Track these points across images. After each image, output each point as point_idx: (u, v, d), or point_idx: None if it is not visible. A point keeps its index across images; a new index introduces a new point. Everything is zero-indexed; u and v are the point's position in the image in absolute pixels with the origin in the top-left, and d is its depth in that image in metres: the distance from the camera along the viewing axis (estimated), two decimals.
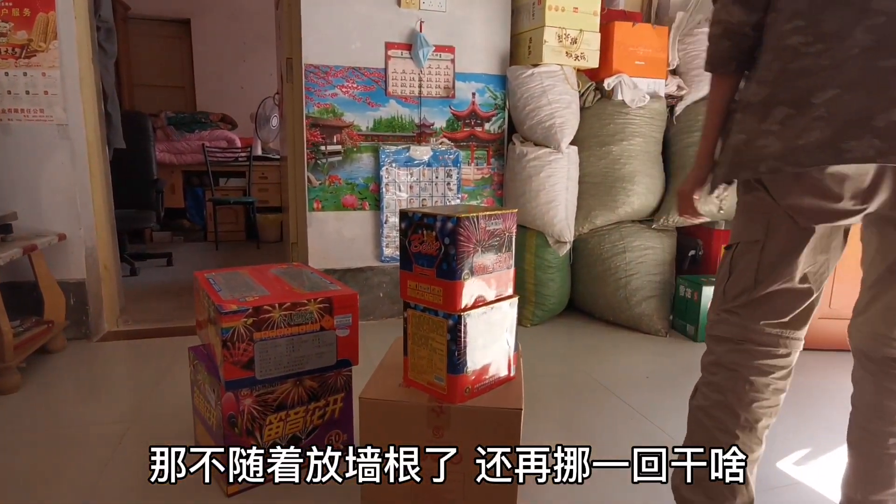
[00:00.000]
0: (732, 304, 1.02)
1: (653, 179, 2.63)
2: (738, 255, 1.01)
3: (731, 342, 1.03)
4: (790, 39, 0.86)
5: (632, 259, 2.60)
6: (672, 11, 2.84)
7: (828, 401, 1.95)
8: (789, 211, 0.93)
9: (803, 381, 2.12)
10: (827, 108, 0.82)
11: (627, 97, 2.56)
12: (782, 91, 0.87)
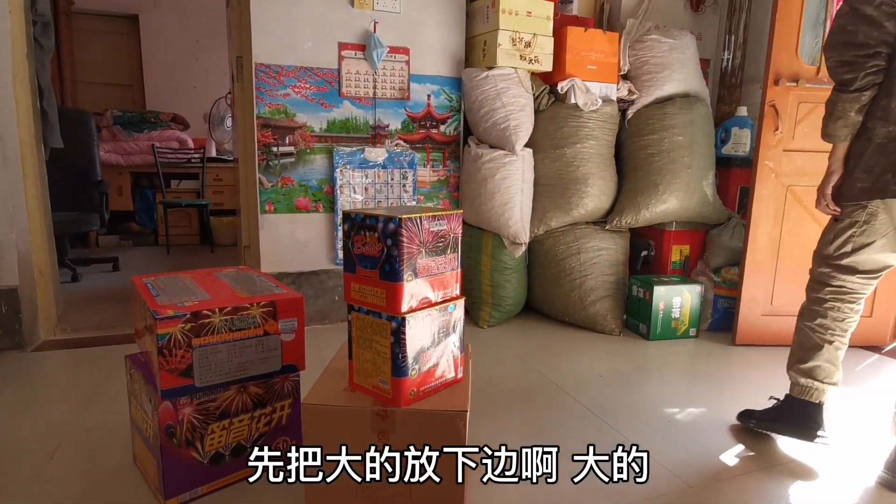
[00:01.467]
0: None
1: (606, 182, 2.68)
2: None
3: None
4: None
5: (586, 260, 2.64)
6: (623, 18, 2.90)
7: (769, 392, 2.02)
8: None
9: (747, 375, 2.20)
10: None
11: (580, 101, 2.60)
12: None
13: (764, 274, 2.46)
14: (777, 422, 1.65)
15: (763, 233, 2.42)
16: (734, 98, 3.01)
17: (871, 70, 1.37)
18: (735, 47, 2.98)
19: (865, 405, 1.96)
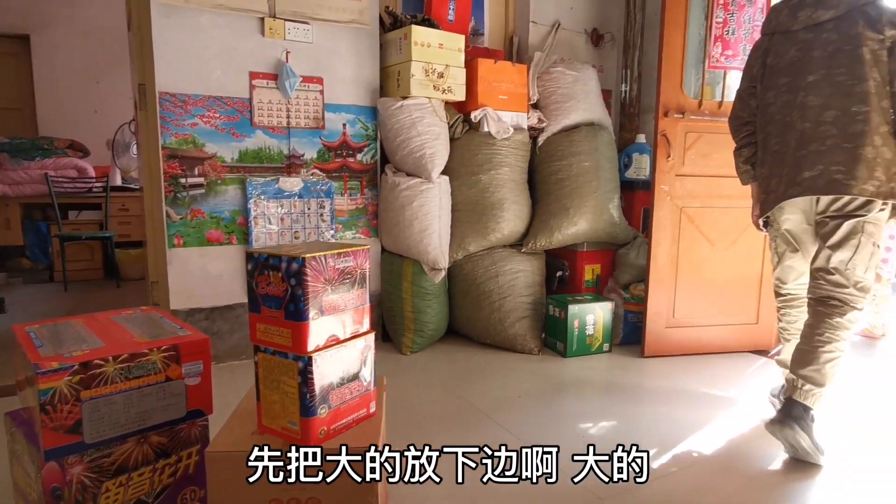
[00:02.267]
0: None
1: (520, 206, 2.79)
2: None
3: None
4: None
5: (504, 282, 2.72)
6: (531, 51, 3.07)
7: (674, 400, 2.16)
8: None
9: (654, 385, 2.33)
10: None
11: (493, 129, 2.71)
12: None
13: (666, 289, 2.64)
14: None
15: (663, 251, 2.61)
16: (634, 126, 3.25)
17: (744, 134, 1.99)
18: (631, 80, 3.22)
19: (756, 403, 2.14)
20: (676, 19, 2.50)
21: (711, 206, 2.64)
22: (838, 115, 1.66)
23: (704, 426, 1.97)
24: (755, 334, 2.77)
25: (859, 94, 1.64)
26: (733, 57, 2.55)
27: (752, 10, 2.54)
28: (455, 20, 2.86)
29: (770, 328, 2.78)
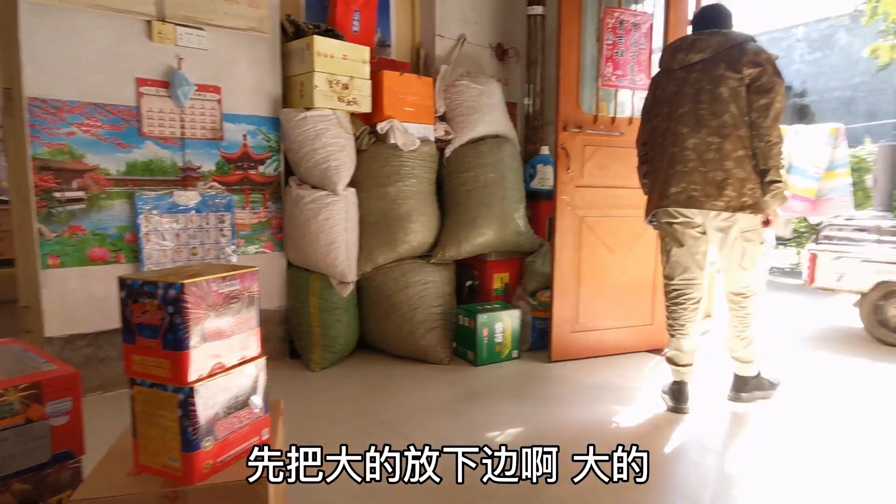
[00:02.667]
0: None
1: (429, 217, 2.80)
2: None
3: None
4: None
5: (414, 294, 2.72)
6: (437, 63, 3.11)
7: (579, 401, 2.26)
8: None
9: (560, 389, 2.42)
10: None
11: (400, 141, 2.71)
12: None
13: (570, 295, 2.76)
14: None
15: (566, 259, 2.73)
16: (538, 138, 3.38)
17: (642, 152, 2.28)
18: (535, 94, 3.36)
19: (653, 398, 2.28)
20: (571, 39, 2.64)
21: (609, 215, 2.79)
22: (697, 143, 2.00)
23: (607, 423, 2.07)
24: (651, 334, 2.96)
25: (715, 127, 1.97)
26: (623, 77, 2.73)
27: (638, 35, 2.74)
28: (360, 31, 2.83)
29: (664, 328, 2.98)
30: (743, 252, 2.05)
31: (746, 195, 1.95)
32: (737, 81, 1.94)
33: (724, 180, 1.95)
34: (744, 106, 1.94)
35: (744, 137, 1.95)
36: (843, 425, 2.11)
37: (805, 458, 1.84)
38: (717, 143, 1.96)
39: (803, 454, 1.87)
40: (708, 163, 1.97)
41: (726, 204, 1.96)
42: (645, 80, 2.78)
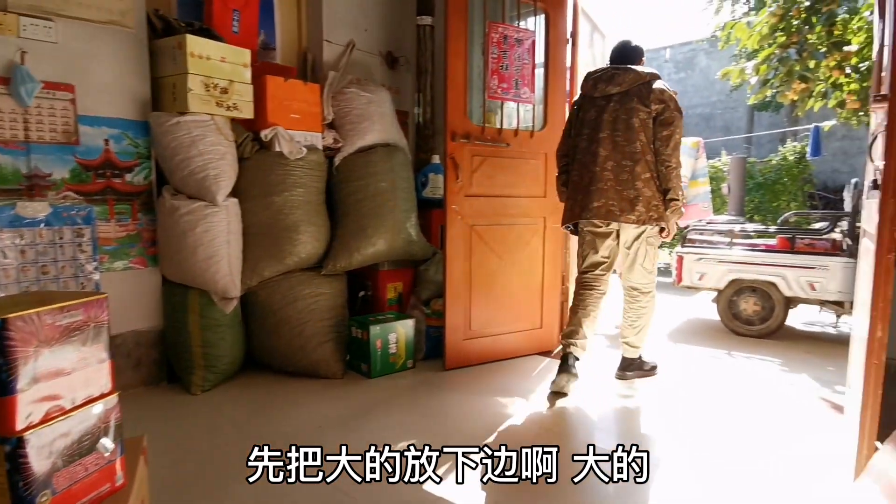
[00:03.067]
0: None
1: (318, 228, 2.72)
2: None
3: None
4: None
5: (304, 307, 2.62)
6: (326, 69, 3.03)
7: (472, 408, 2.29)
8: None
9: (453, 396, 2.44)
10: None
11: (285, 149, 2.60)
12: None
13: (462, 303, 2.81)
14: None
15: (457, 267, 2.77)
16: (429, 147, 3.41)
17: (562, 164, 2.60)
18: (425, 103, 3.39)
19: (543, 398, 2.38)
20: (458, 52, 2.69)
21: (498, 223, 2.88)
22: (614, 165, 2.36)
23: (499, 427, 2.12)
24: (540, 338, 3.10)
25: (629, 152, 2.33)
26: (508, 90, 2.84)
27: (521, 50, 2.86)
28: (241, 32, 2.69)
29: (552, 332, 3.14)
30: (645, 255, 2.47)
31: (652, 210, 2.34)
32: (646, 114, 2.32)
33: (635, 198, 2.33)
34: (650, 135, 2.33)
35: (650, 162, 2.33)
36: (703, 401, 2.34)
37: (675, 431, 2.02)
38: (629, 165, 2.33)
39: (677, 429, 2.05)
40: (623, 182, 2.34)
41: (637, 217, 2.34)
42: (529, 93, 2.91)
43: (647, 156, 2.33)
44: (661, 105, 2.32)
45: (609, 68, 2.46)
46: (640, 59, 2.52)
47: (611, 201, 2.35)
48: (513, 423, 2.19)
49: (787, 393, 2.60)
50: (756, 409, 2.39)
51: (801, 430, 2.17)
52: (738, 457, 1.93)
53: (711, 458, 1.92)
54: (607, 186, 2.36)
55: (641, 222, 2.35)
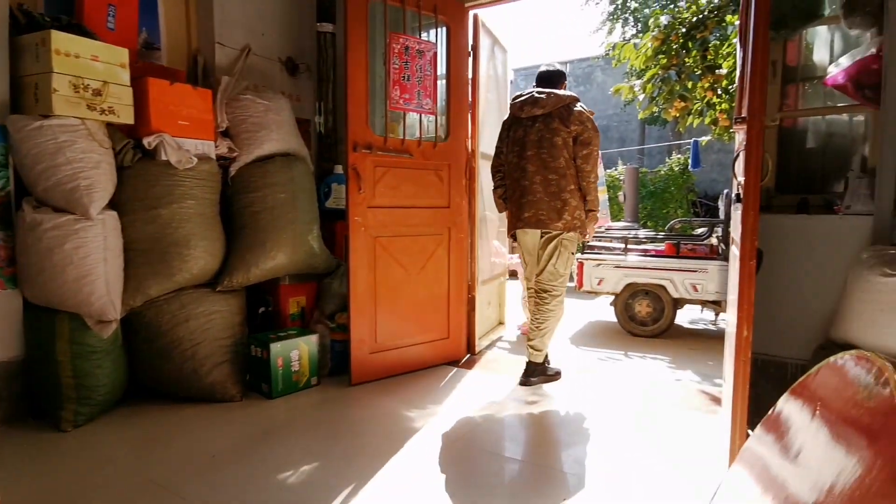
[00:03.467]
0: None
1: (212, 241, 2.55)
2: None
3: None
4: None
5: (197, 327, 2.44)
6: (218, 74, 2.86)
7: (379, 424, 2.24)
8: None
9: (360, 413, 2.37)
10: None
11: (173, 157, 2.42)
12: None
13: (367, 315, 2.75)
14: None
15: (361, 279, 2.71)
16: (332, 156, 3.33)
17: (498, 178, 2.86)
18: (327, 112, 3.30)
19: (452, 407, 2.37)
20: (359, 61, 2.65)
21: (402, 234, 2.86)
22: (542, 179, 2.60)
23: (406, 442, 2.09)
24: (448, 347, 3.11)
25: (554, 167, 2.58)
26: (410, 100, 2.83)
27: (423, 61, 2.87)
28: (117, 29, 2.47)
29: (459, 342, 3.16)
30: (558, 257, 2.67)
31: (576, 219, 2.62)
32: (567, 134, 2.57)
33: (562, 208, 2.59)
34: (572, 152, 2.58)
35: (573, 176, 2.59)
36: (601, 401, 2.46)
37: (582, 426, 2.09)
38: (555, 179, 2.58)
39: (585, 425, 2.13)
40: (550, 194, 2.59)
41: (563, 225, 2.60)
42: (431, 104, 2.93)
43: (569, 170, 2.58)
44: (580, 126, 2.56)
45: (534, 91, 2.66)
46: (561, 84, 2.74)
47: (541, 211, 2.60)
48: (420, 437, 2.16)
49: (674, 389, 2.80)
50: (647, 405, 2.54)
51: (684, 423, 2.33)
52: (628, 452, 2.03)
53: (605, 454, 2.01)
54: (537, 198, 2.60)
55: (567, 229, 2.61)
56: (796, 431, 1.00)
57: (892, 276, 1.71)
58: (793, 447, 0.96)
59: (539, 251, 2.70)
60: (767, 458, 1.17)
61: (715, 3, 4.49)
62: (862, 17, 1.99)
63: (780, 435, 1.15)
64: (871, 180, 2.02)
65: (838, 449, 0.74)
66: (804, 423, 0.96)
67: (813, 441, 0.86)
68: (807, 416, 0.95)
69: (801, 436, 0.94)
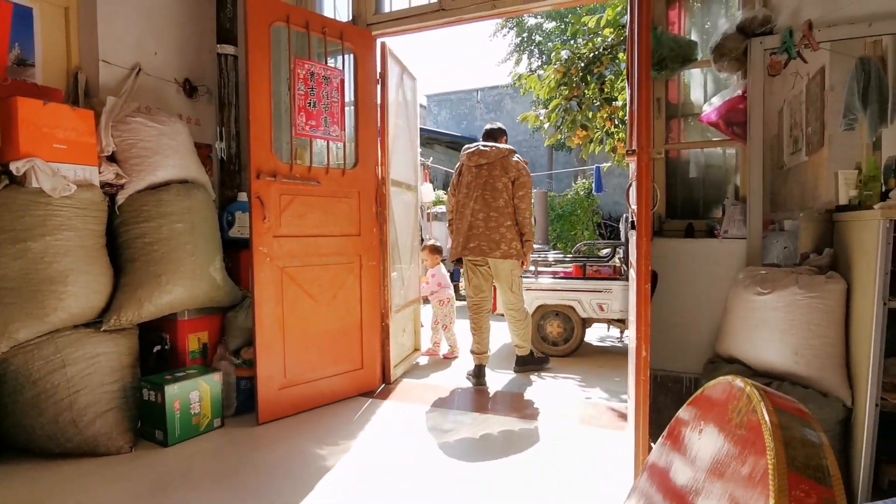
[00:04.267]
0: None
1: (94, 277, 2.32)
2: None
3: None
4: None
5: (76, 372, 2.20)
6: (103, 94, 2.65)
7: (287, 468, 2.11)
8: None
9: (266, 456, 2.20)
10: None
11: (47, 185, 2.19)
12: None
13: (275, 350, 2.61)
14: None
15: (268, 312, 2.58)
16: (236, 183, 3.17)
17: (450, 215, 3.38)
18: (229, 137, 3.15)
19: (369, 440, 2.28)
20: (261, 85, 2.56)
21: (311, 264, 2.76)
22: (484, 216, 3.15)
23: (318, 482, 1.97)
24: (362, 378, 3.02)
25: (495, 206, 3.14)
26: (317, 127, 2.77)
27: (330, 88, 2.83)
28: None
29: (374, 370, 3.08)
30: (512, 282, 3.27)
31: (513, 248, 3.15)
32: (507, 179, 3.16)
33: (499, 240, 3.13)
34: (510, 194, 3.16)
35: (510, 213, 3.16)
36: (517, 422, 2.47)
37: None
38: (495, 216, 3.14)
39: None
40: (490, 228, 3.14)
41: (502, 253, 3.14)
42: (339, 131, 2.88)
43: (508, 209, 3.15)
44: (517, 173, 3.18)
45: (479, 145, 3.27)
46: (502, 138, 3.40)
47: (482, 242, 3.15)
48: (333, 476, 2.06)
49: (584, 407, 2.89)
50: (560, 425, 2.60)
51: (595, 441, 2.40)
52: (544, 473, 2.06)
53: (521, 476, 2.02)
54: (479, 231, 3.16)
55: (504, 257, 3.14)
56: (691, 442, 1.05)
57: (765, 294, 1.88)
58: (688, 456, 1.01)
59: (498, 282, 3.33)
60: (668, 470, 1.22)
61: (609, 42, 4.83)
62: (729, 62, 2.22)
63: (677, 445, 1.21)
64: (744, 207, 2.23)
65: (726, 458, 0.78)
66: (697, 435, 1.01)
67: (704, 449, 0.91)
68: (699, 429, 1.01)
69: (695, 445, 0.99)
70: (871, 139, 2.07)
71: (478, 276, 3.30)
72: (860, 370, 1.69)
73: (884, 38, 2.07)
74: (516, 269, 3.26)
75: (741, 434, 0.69)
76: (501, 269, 3.22)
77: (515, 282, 3.29)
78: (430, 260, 4.23)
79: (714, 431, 0.81)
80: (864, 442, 1.65)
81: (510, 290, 3.29)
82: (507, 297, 3.32)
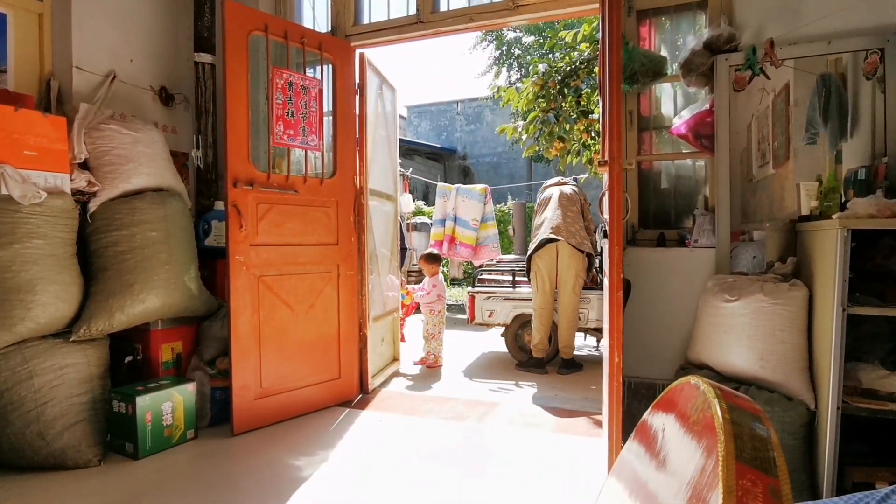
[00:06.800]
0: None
1: (64, 286, 2.28)
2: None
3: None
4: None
5: (44, 384, 2.15)
6: (76, 101, 2.62)
7: (261, 481, 2.08)
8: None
9: (241, 469, 2.17)
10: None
11: (15, 192, 2.15)
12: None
13: (251, 360, 2.59)
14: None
15: (244, 321, 2.56)
16: (212, 192, 3.15)
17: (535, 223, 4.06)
18: (206, 146, 3.13)
19: (345, 452, 2.27)
20: (239, 94, 2.56)
21: (288, 273, 2.75)
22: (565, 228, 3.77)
23: (293, 494, 1.95)
24: (339, 388, 3.00)
25: (571, 214, 3.83)
26: (295, 136, 2.77)
27: (308, 98, 2.84)
28: None
29: (352, 380, 3.07)
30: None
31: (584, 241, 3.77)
32: (576, 203, 3.91)
33: (581, 241, 3.80)
34: (579, 209, 3.89)
35: (582, 227, 3.85)
36: (497, 430, 2.49)
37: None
38: (576, 227, 3.83)
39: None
40: (554, 230, 3.77)
41: (577, 243, 3.79)
42: (317, 140, 2.89)
43: (578, 223, 3.82)
44: (581, 196, 4.00)
45: (558, 179, 4.14)
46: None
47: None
48: (308, 487, 2.04)
49: (560, 415, 2.91)
50: (538, 433, 2.62)
51: (571, 448, 2.43)
52: (523, 481, 2.07)
53: (501, 484, 2.03)
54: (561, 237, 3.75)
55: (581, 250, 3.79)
56: (656, 439, 1.08)
57: (732, 302, 1.93)
58: (653, 451, 1.04)
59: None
60: (636, 465, 1.24)
61: (585, 57, 4.94)
62: (697, 77, 2.29)
63: (644, 442, 1.24)
64: (713, 217, 2.29)
65: (686, 452, 0.81)
66: (661, 433, 1.04)
67: (670, 448, 0.93)
68: (664, 428, 1.04)
69: (659, 442, 1.02)
70: (833, 153, 2.15)
71: (546, 282, 3.93)
72: (822, 374, 1.74)
73: (843, 55, 2.16)
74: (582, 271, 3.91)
75: (698, 430, 0.72)
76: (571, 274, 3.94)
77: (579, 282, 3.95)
78: (429, 269, 4.20)
79: (675, 428, 0.84)
80: (828, 444, 1.70)
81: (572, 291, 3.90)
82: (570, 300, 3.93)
